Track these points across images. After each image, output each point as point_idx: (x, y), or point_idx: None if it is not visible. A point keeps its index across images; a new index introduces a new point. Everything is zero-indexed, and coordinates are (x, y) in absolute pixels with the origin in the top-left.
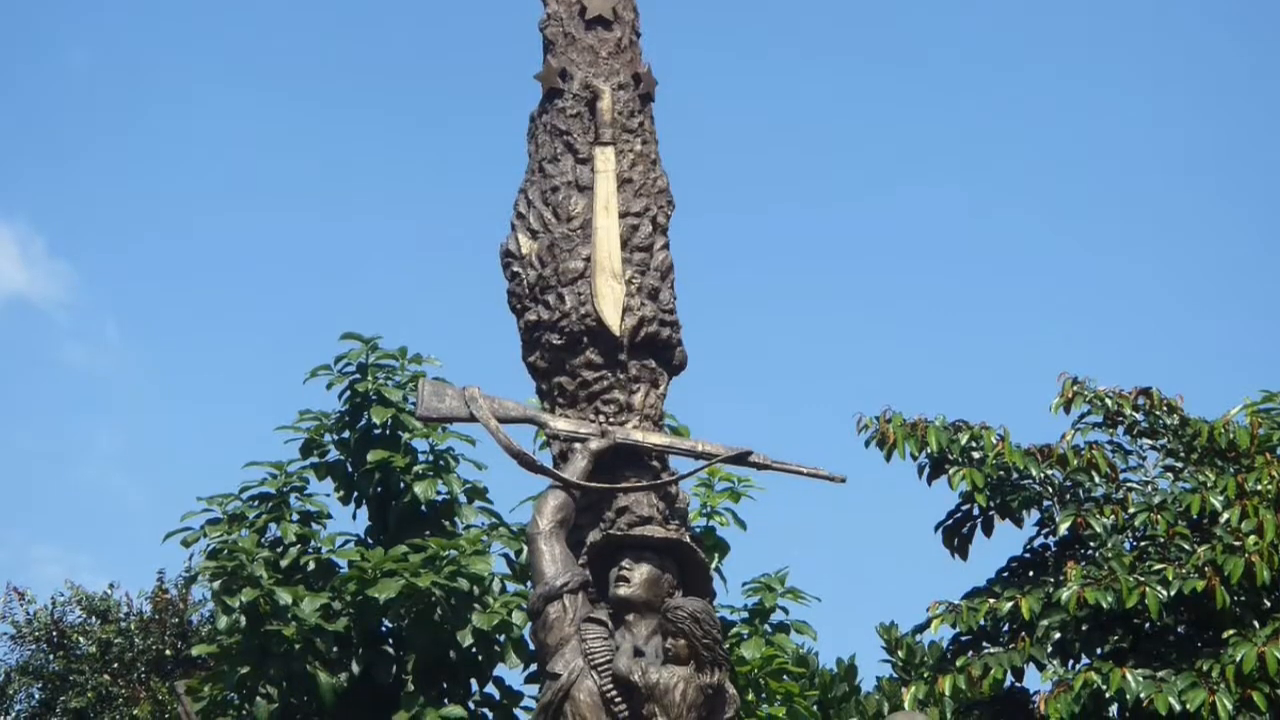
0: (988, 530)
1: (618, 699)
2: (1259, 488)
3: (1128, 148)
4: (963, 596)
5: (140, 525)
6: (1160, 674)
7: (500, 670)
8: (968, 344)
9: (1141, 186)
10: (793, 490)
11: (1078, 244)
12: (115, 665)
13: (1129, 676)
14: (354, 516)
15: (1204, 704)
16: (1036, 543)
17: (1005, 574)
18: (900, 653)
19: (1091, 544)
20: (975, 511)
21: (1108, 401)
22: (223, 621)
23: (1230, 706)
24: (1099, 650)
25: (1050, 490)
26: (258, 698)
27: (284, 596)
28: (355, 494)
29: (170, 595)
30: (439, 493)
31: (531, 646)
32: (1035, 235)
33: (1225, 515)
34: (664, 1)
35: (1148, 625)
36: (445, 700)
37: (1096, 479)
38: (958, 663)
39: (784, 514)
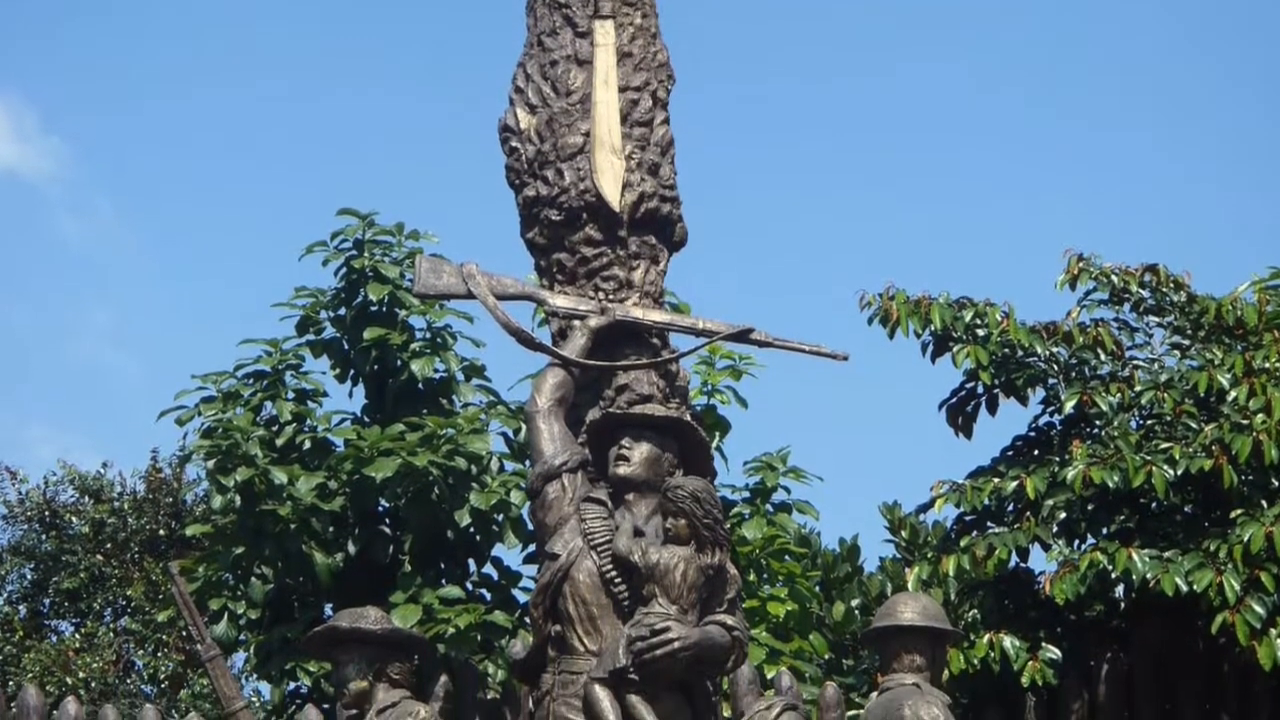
0: (992, 409)
1: (617, 579)
2: (1267, 365)
3: (1132, 19)
4: (967, 476)
5: (134, 403)
6: (1167, 554)
7: (498, 550)
8: (972, 220)
9: (1147, 59)
10: (794, 368)
11: (1082, 118)
12: (108, 545)
13: (1135, 556)
14: (350, 394)
15: (1211, 584)
16: (1041, 421)
17: (1010, 453)
18: (903, 533)
19: (1097, 422)
20: (979, 390)
21: (1113, 278)
22: (217, 501)
23: (1238, 587)
24: (1105, 530)
25: (1055, 368)
26: (253, 578)
27: (279, 476)
28: (351, 372)
29: (164, 474)
30: (436, 370)
31: (530, 526)
32: (1039, 109)
33: (1233, 393)
34: None
35: (1154, 505)
36: (443, 580)
37: (1102, 356)
38: (961, 543)
39: (786, 392)
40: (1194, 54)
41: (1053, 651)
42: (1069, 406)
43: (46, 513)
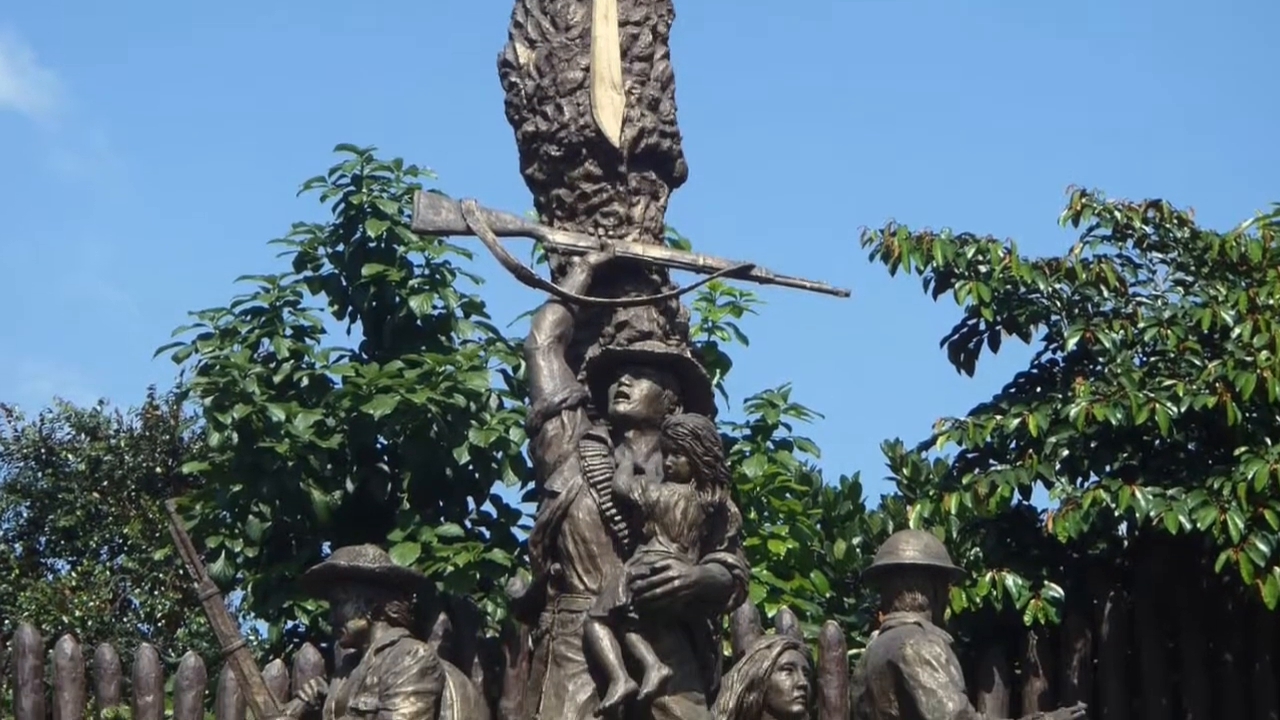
0: (994, 345)
1: (617, 517)
2: (1271, 302)
3: None
4: (969, 413)
5: (131, 340)
6: (1170, 492)
7: (497, 488)
8: (974, 156)
9: None
10: (796, 305)
11: (1086, 52)
12: (105, 483)
13: (1138, 494)
14: (348, 331)
15: (1215, 522)
16: (1044, 358)
17: (1012, 390)
18: (905, 470)
19: (1100, 359)
20: (981, 326)
21: (1116, 214)
22: (214, 438)
23: (1242, 525)
24: (1108, 468)
25: (1058, 305)
26: (250, 516)
27: (277, 413)
28: (349, 308)
29: (161, 412)
30: (435, 307)
31: (529, 464)
32: (1042, 44)
33: (1237, 330)
34: None
35: (1157, 442)
36: (441, 518)
37: (1105, 293)
38: (964, 480)
39: (787, 329)
40: None
41: (1055, 590)
42: (1072, 343)
43: (43, 450)
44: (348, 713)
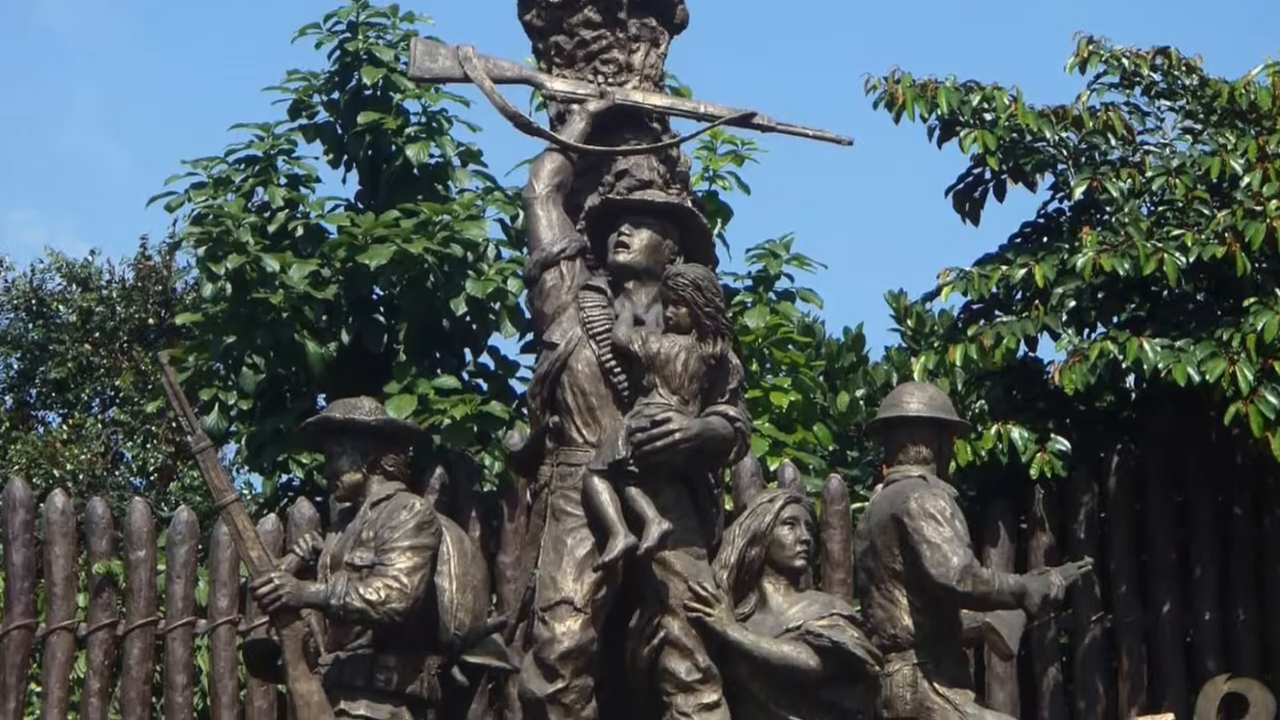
0: (1000, 194)
1: (616, 369)
2: None
3: None
4: (974, 263)
5: (123, 190)
6: (1178, 343)
7: (495, 339)
8: (979, 2)
9: None
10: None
11: None
12: (96, 334)
13: (1146, 346)
14: (344, 180)
15: (1224, 374)
16: (1050, 207)
17: (1018, 240)
18: (909, 321)
19: (1107, 209)
20: (987, 175)
21: (1124, 61)
22: (207, 289)
23: (1251, 377)
24: (1115, 319)
25: (1065, 153)
26: (244, 368)
27: (271, 263)
28: (345, 157)
29: (153, 262)
30: (432, 155)
31: (527, 315)
32: None
33: (1246, 179)
34: None
35: (1166, 293)
36: (438, 370)
37: (1113, 141)
38: (969, 332)
39: (789, 178)
40: None
41: (1062, 443)
42: (1078, 192)
43: (33, 301)
44: (343, 567)
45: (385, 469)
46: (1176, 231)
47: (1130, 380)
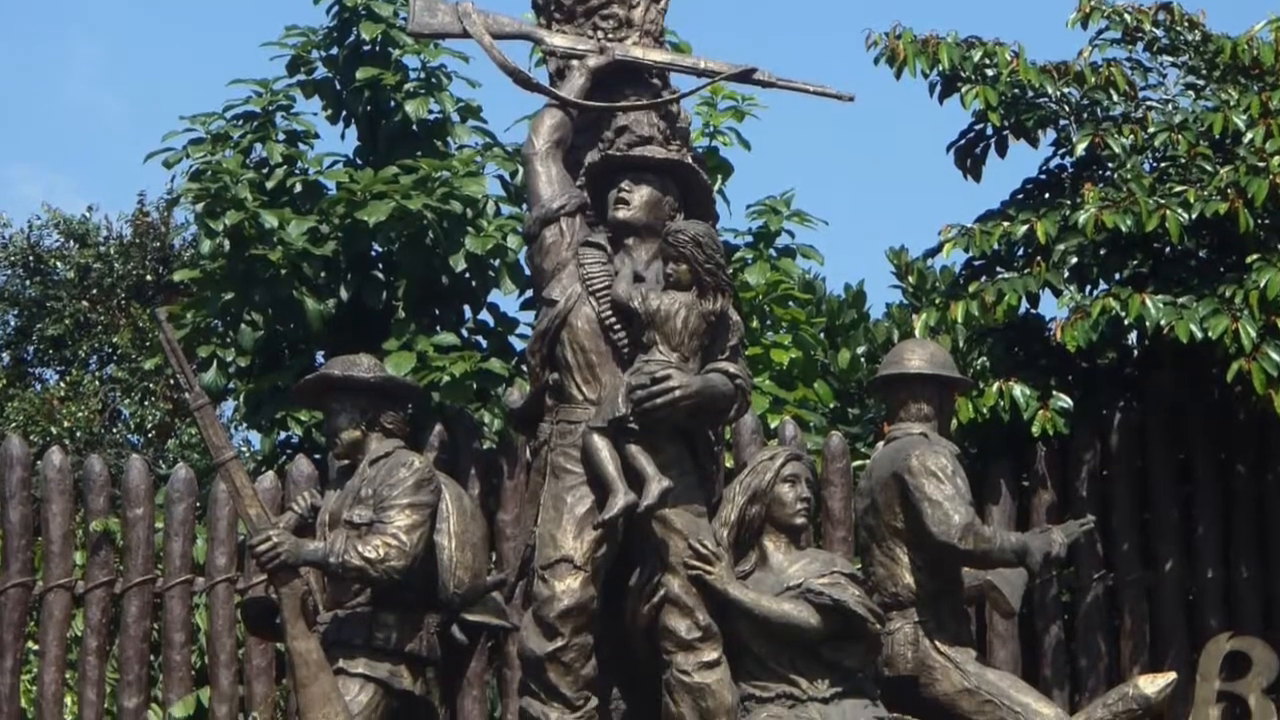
0: (1001, 151)
1: (616, 325)
2: None
3: None
4: (976, 220)
5: (121, 145)
6: (1181, 300)
7: (495, 296)
8: None
9: None
10: (799, 110)
11: None
12: (94, 291)
13: (1148, 302)
14: (342, 136)
15: (1226, 331)
16: (1052, 164)
17: (1020, 196)
18: (911, 278)
19: (1109, 165)
20: (989, 131)
21: (1126, 17)
22: (206, 245)
23: (1254, 334)
24: (1117, 275)
25: (1067, 109)
26: (242, 324)
27: (269, 219)
28: (343, 113)
29: (151, 218)
30: (431, 111)
31: (527, 271)
32: None
33: (1249, 135)
34: None
35: (1168, 249)
36: (437, 327)
37: (1115, 97)
38: (970, 288)
39: (789, 134)
40: None
41: (1064, 400)
42: (1080, 148)
43: (31, 257)
44: (341, 525)
45: (384, 426)
46: (1179, 188)
47: (1132, 337)
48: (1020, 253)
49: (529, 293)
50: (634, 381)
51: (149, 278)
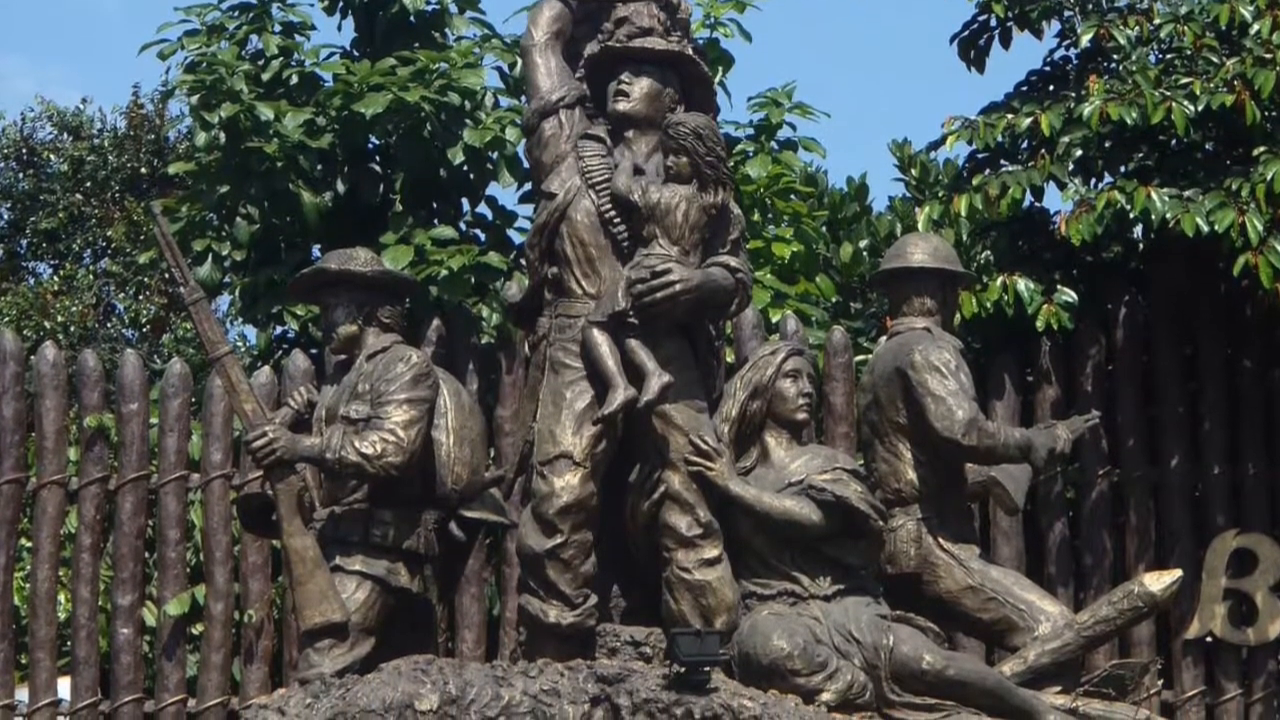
0: (1005, 42)
1: (616, 219)
2: None
3: None
4: (979, 112)
5: (115, 37)
6: (1187, 193)
7: (493, 189)
8: None
9: None
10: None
11: None
12: (88, 184)
13: (1154, 196)
14: (339, 28)
15: (1233, 224)
16: (1057, 55)
17: (1024, 88)
18: (914, 171)
19: (1114, 56)
20: (993, 22)
21: None
22: (201, 138)
23: (1261, 227)
24: (1123, 168)
25: (1071, 0)
26: (238, 218)
27: (265, 112)
28: (340, 4)
29: (146, 111)
30: (429, 2)
31: (526, 164)
32: None
33: (1256, 26)
34: None
35: (1174, 142)
36: (435, 221)
37: None
38: (974, 181)
39: (791, 25)
40: None
41: (1068, 294)
42: (1085, 40)
43: (24, 150)
44: (338, 420)
45: (381, 321)
46: (1185, 80)
47: (1138, 231)
48: (1024, 145)
49: (528, 186)
50: (634, 275)
51: (143, 171)
